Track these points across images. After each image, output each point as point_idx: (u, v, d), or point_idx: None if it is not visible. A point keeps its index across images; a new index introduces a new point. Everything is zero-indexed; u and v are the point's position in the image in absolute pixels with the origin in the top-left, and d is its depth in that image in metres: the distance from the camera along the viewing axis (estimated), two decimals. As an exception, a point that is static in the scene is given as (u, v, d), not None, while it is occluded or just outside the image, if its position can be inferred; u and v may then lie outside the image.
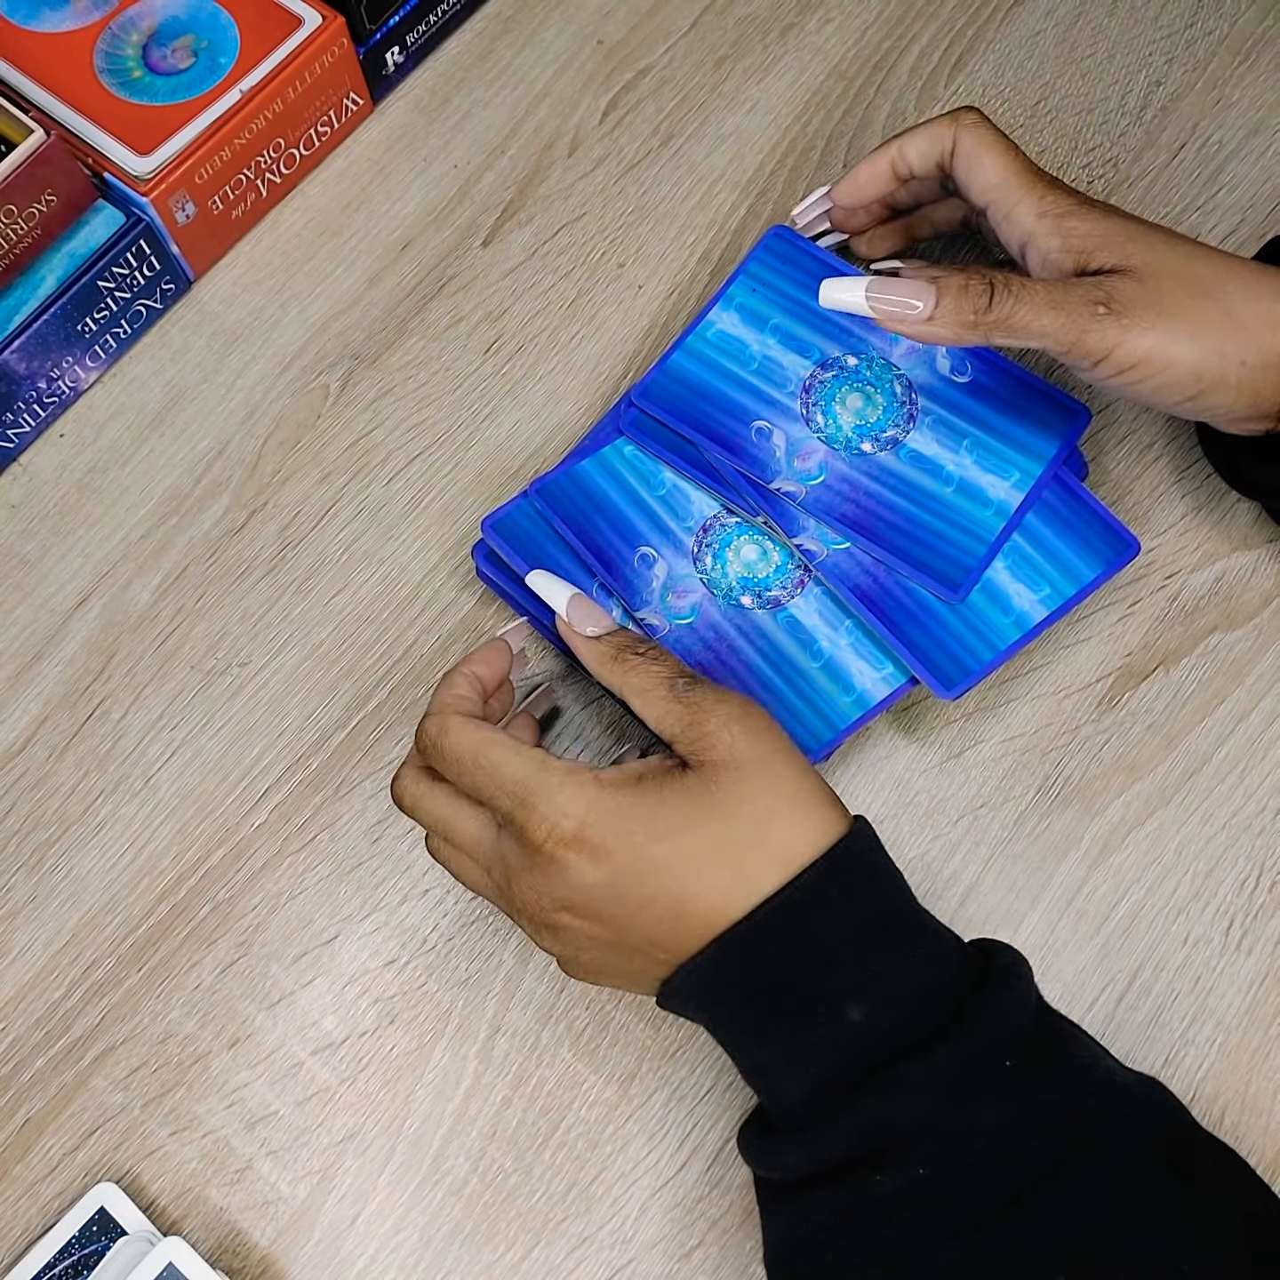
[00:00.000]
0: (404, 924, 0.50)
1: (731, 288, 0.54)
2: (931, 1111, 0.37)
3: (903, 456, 0.51)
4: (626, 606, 0.50)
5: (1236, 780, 0.50)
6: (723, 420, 0.52)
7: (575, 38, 0.65)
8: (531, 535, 0.51)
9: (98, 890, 0.51)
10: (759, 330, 0.53)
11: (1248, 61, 0.62)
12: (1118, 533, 0.50)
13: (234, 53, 0.58)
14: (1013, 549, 0.50)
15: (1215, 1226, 0.37)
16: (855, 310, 0.45)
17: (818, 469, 0.51)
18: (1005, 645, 0.49)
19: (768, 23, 0.65)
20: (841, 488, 0.49)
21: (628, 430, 0.52)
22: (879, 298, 0.44)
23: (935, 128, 0.50)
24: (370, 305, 0.60)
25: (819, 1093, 0.38)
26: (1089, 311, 0.43)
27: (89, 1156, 0.48)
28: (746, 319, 0.53)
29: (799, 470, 0.51)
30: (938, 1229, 0.37)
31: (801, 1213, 0.39)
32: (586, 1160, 0.47)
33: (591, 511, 0.51)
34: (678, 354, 0.53)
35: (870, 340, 0.53)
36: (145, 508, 0.57)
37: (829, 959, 0.38)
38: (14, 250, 0.54)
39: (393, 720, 0.53)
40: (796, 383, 0.52)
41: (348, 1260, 0.46)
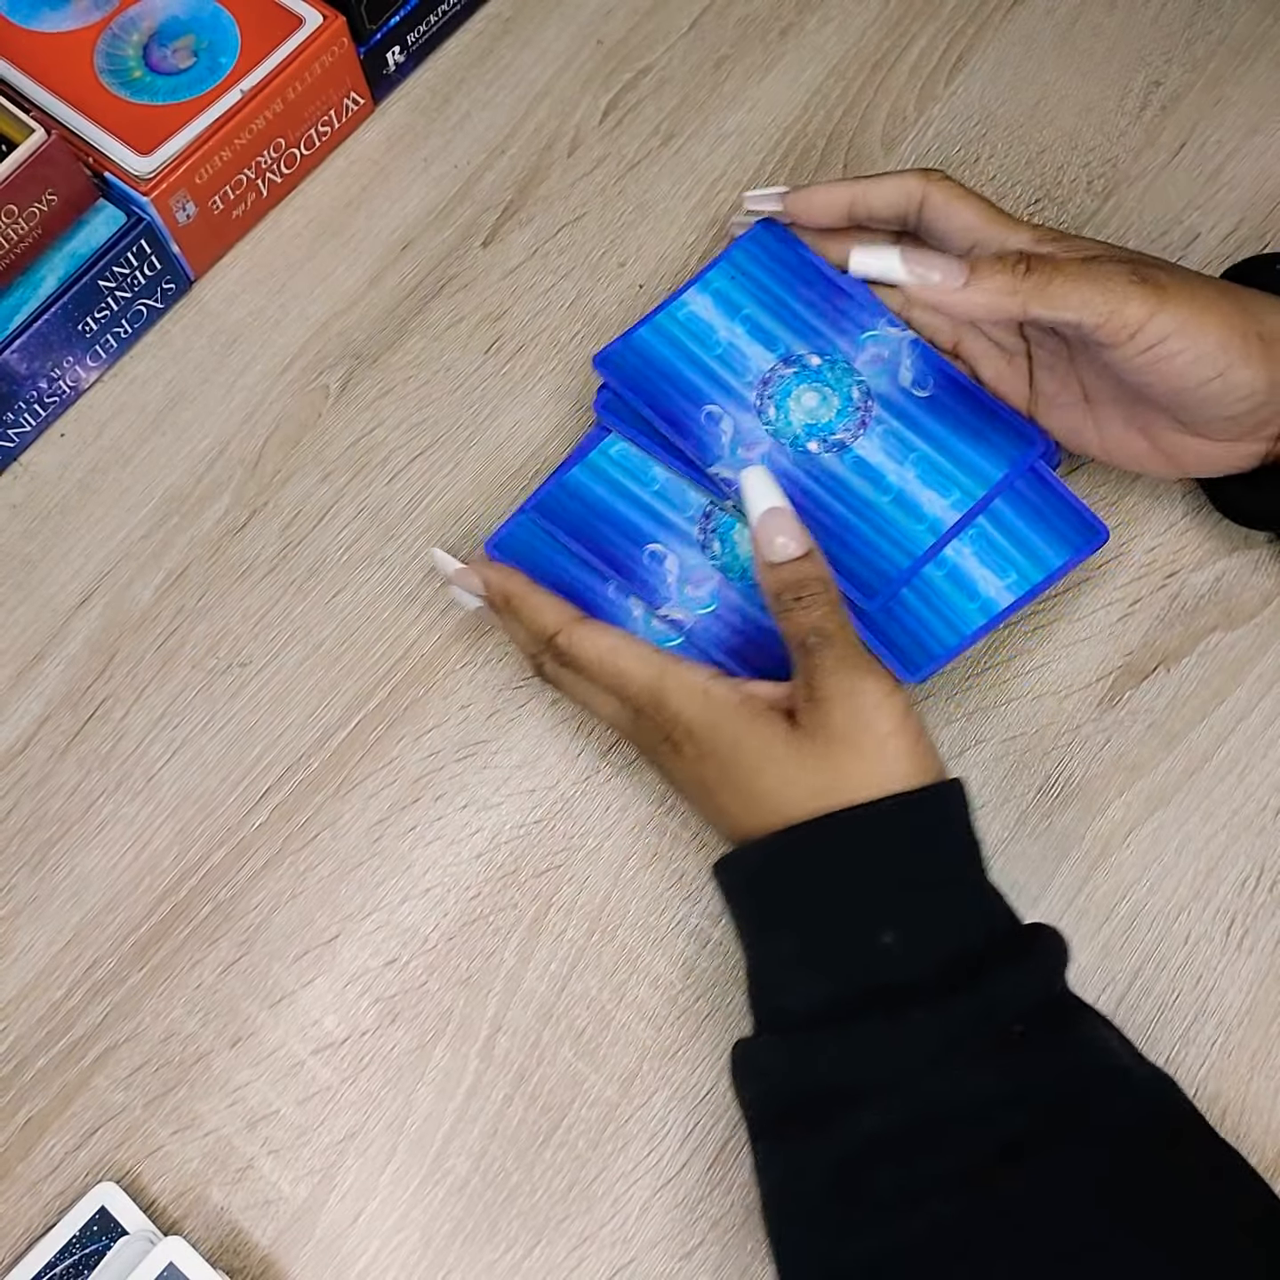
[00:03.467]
0: (405, 923, 0.50)
1: (711, 272, 0.53)
2: (933, 1057, 0.38)
3: (846, 461, 0.51)
4: (647, 605, 0.50)
5: (1237, 779, 0.50)
6: (676, 399, 0.51)
7: (575, 38, 0.65)
8: (537, 549, 0.51)
9: (99, 889, 0.51)
10: (730, 318, 0.53)
11: (1247, 61, 0.62)
12: (1086, 520, 0.50)
13: (235, 52, 0.58)
14: (980, 534, 0.50)
15: (1207, 1227, 0.37)
16: (888, 277, 0.45)
17: (759, 459, 0.50)
18: (970, 630, 0.49)
19: (768, 23, 0.65)
20: (780, 481, 0.49)
21: (600, 412, 0.52)
22: (915, 262, 0.44)
23: (904, 181, 0.49)
24: (371, 305, 0.60)
25: (827, 1001, 0.40)
26: (1126, 279, 0.43)
27: (90, 1156, 0.48)
28: (719, 304, 0.53)
29: (741, 458, 0.50)
30: (920, 1188, 0.37)
31: (791, 1168, 0.40)
32: (587, 1159, 0.47)
33: (592, 518, 0.51)
34: (644, 329, 0.53)
35: (838, 344, 0.52)
36: (146, 507, 0.57)
37: (882, 884, 0.41)
38: (14, 250, 0.54)
39: (394, 719, 0.53)
40: (756, 374, 0.52)
41: (349, 1259, 0.46)
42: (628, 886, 0.50)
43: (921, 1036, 0.38)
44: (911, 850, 0.41)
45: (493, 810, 0.51)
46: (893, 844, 0.41)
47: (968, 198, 0.48)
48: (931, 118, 0.62)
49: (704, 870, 0.50)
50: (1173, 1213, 0.37)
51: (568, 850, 0.51)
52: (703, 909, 0.50)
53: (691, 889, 0.50)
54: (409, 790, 0.52)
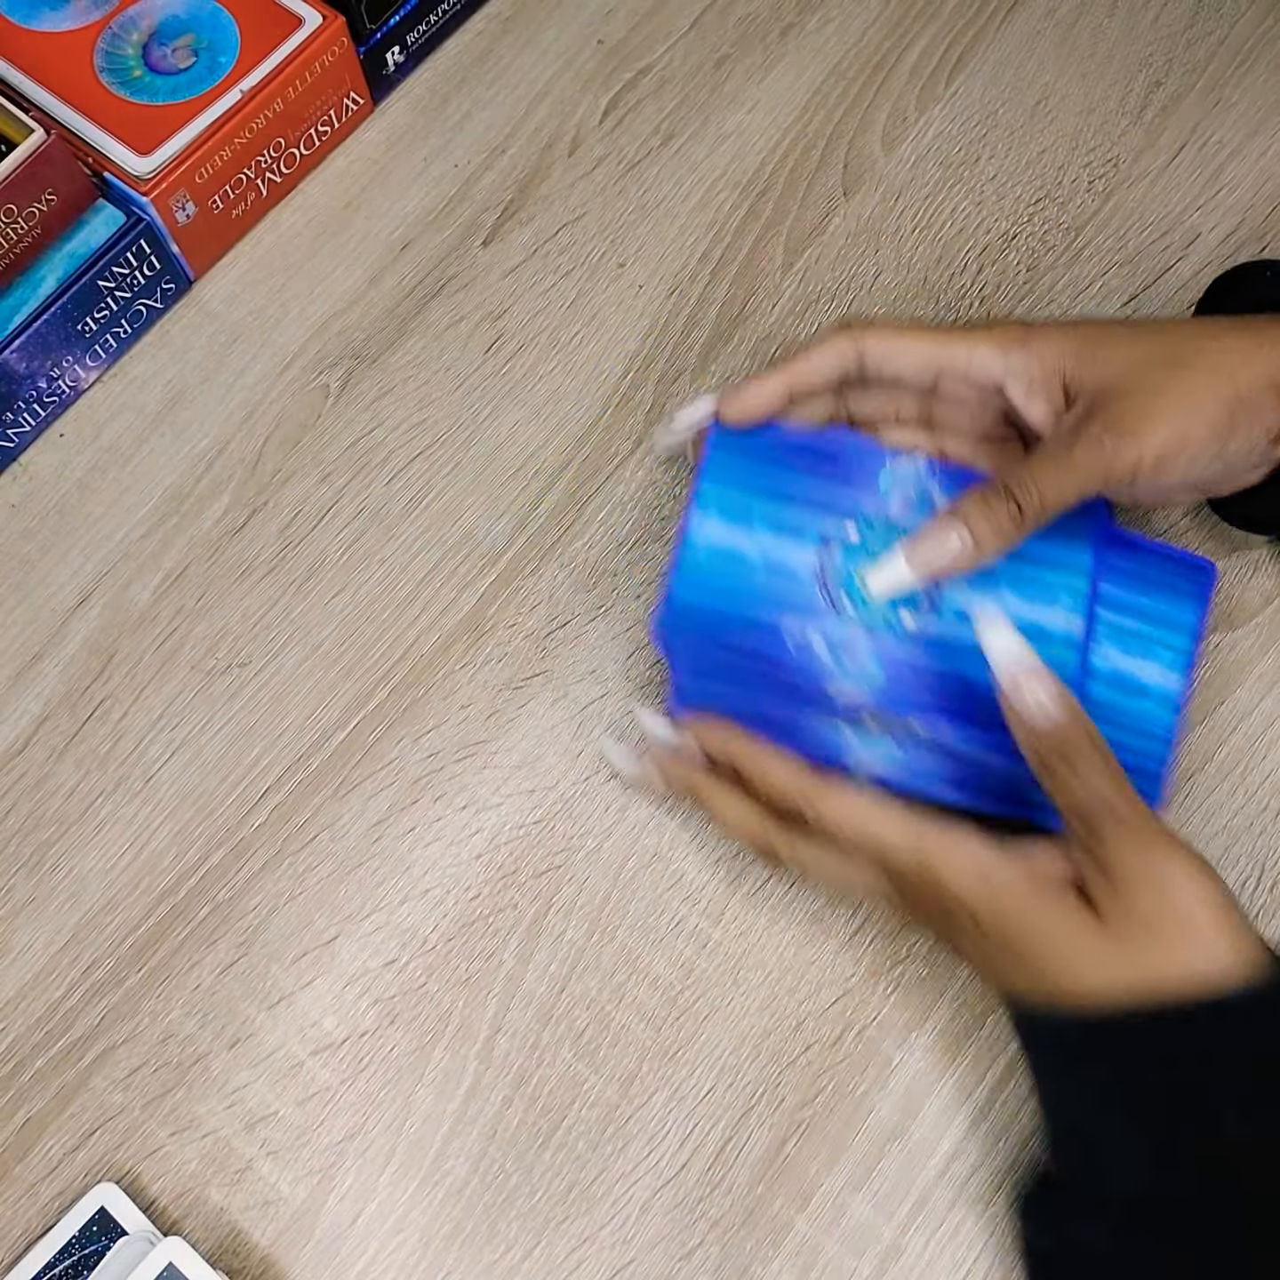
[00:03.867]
0: (404, 924, 0.50)
1: (700, 497, 0.47)
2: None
3: (949, 615, 0.46)
4: (817, 696, 0.46)
5: (1237, 780, 0.50)
6: (753, 641, 0.46)
7: (576, 37, 0.65)
8: (711, 697, 0.47)
9: (98, 890, 0.51)
10: (747, 528, 0.47)
11: (1247, 62, 0.62)
12: (1189, 563, 0.48)
13: (234, 52, 0.58)
14: (1108, 627, 0.47)
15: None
16: (910, 588, 0.44)
17: (873, 663, 0.45)
18: (1169, 732, 0.46)
19: (768, 23, 0.65)
20: (907, 675, 0.44)
21: (669, 656, 0.48)
22: (920, 560, 0.44)
23: (834, 347, 0.47)
24: (371, 305, 0.60)
25: (1158, 1183, 0.38)
26: (1098, 450, 0.42)
27: (89, 1157, 0.48)
28: (730, 519, 0.47)
29: (857, 670, 0.45)
30: None
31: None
32: (587, 1160, 0.47)
33: (719, 628, 0.46)
34: (678, 586, 0.46)
35: (862, 502, 0.47)
36: (145, 507, 0.57)
37: (1227, 1073, 0.38)
38: (14, 250, 0.54)
39: (393, 720, 0.53)
40: (807, 573, 0.46)
41: (348, 1260, 0.46)
42: (627, 887, 0.50)
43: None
44: (1258, 1042, 0.39)
45: (492, 811, 0.51)
46: (1238, 1036, 0.38)
47: (906, 333, 0.47)
48: (932, 118, 0.62)
49: (704, 870, 0.50)
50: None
51: (568, 851, 0.51)
52: (702, 909, 0.50)
53: (691, 889, 0.50)
54: (408, 791, 0.52)
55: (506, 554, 0.55)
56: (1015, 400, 0.46)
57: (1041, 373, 0.45)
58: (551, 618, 0.54)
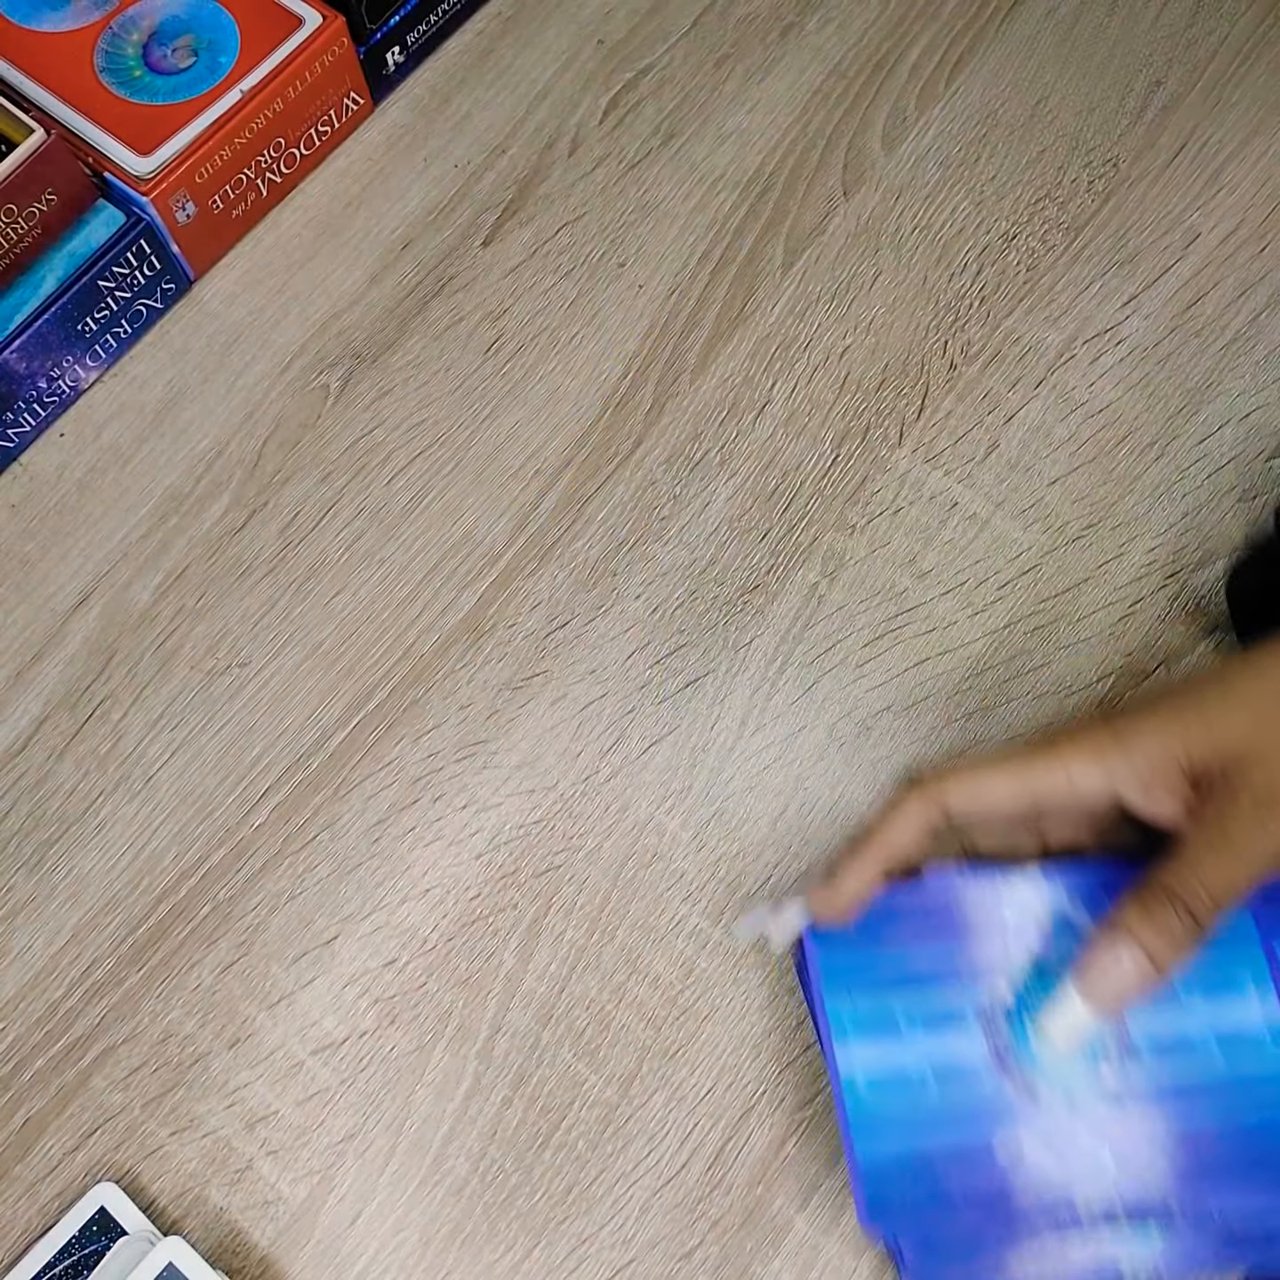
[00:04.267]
0: (404, 924, 0.50)
1: (832, 1016, 0.41)
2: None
3: (1149, 1046, 0.40)
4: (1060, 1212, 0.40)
5: (1237, 780, 0.50)
6: (968, 1174, 0.39)
7: (576, 37, 0.65)
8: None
9: (98, 890, 0.51)
10: (897, 1037, 0.40)
11: (1247, 62, 0.62)
12: None
13: (234, 52, 0.58)
14: None
15: None
16: (1092, 1031, 0.39)
17: (1101, 1149, 0.40)
18: None
19: (768, 22, 0.65)
20: (1147, 1152, 0.39)
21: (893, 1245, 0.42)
22: (1097, 994, 0.39)
23: (913, 811, 0.41)
24: (371, 305, 0.60)
25: None
26: (1259, 828, 0.38)
27: (89, 1156, 0.48)
28: (876, 1032, 0.41)
29: (1084, 1166, 0.39)
30: None
31: None
32: (587, 1160, 0.47)
33: (926, 1177, 0.40)
34: (860, 1147, 0.40)
35: (995, 946, 0.42)
36: (145, 507, 0.57)
37: None
38: (14, 250, 0.54)
39: (393, 720, 0.53)
40: (980, 1061, 0.40)
41: (348, 1260, 0.46)
42: (627, 887, 0.50)
43: None
44: None
45: (492, 811, 0.51)
46: None
47: (986, 775, 0.41)
48: (932, 118, 0.62)
49: (704, 870, 0.50)
50: None
51: (568, 850, 0.51)
52: (702, 909, 0.50)
53: (691, 889, 0.50)
54: (408, 791, 0.52)
55: (506, 554, 0.55)
56: (1135, 806, 0.40)
57: (1154, 769, 0.40)
58: (551, 618, 0.54)
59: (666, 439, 0.57)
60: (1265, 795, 0.38)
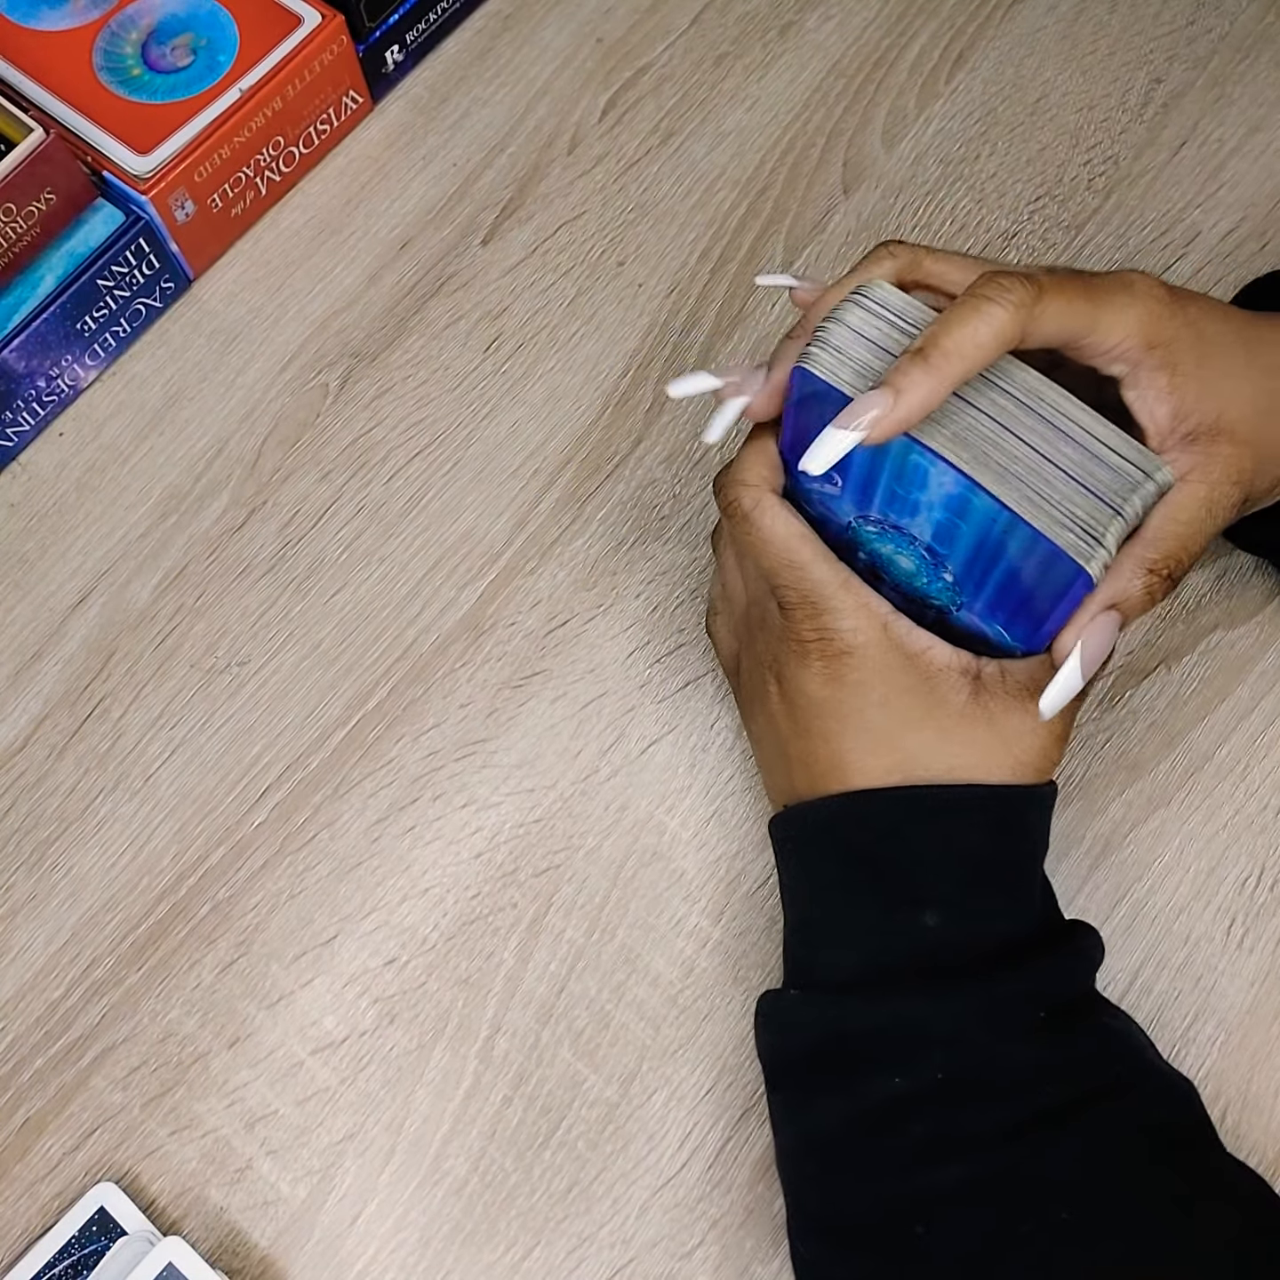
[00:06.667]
0: (404, 923, 0.50)
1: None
2: (967, 1026, 0.38)
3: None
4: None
5: (1238, 778, 0.50)
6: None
7: (575, 36, 0.65)
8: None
9: (97, 889, 0.51)
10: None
11: (1249, 58, 0.62)
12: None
13: (233, 51, 0.58)
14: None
15: (1204, 1234, 0.37)
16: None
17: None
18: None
19: (768, 20, 0.65)
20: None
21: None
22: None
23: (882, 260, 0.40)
24: (370, 304, 0.60)
25: (866, 969, 0.40)
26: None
27: (89, 1156, 0.48)
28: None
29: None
30: (946, 1141, 0.38)
31: (814, 1118, 0.40)
32: (587, 1160, 0.47)
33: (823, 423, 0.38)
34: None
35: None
36: (144, 506, 0.57)
37: (937, 868, 0.40)
38: (13, 249, 0.54)
39: (393, 719, 0.53)
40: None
41: (348, 1260, 0.46)
42: (627, 886, 0.50)
43: (957, 1008, 0.39)
44: (979, 845, 0.41)
45: (492, 810, 0.51)
46: (959, 832, 0.41)
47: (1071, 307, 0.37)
48: (932, 115, 0.62)
49: (704, 869, 0.50)
50: (1163, 1207, 0.37)
51: (568, 850, 0.51)
52: (702, 908, 0.50)
53: (691, 889, 0.50)
54: (408, 790, 0.52)
55: (506, 553, 0.55)
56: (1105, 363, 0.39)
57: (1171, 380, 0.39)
58: (551, 617, 0.54)
59: (667, 437, 0.57)
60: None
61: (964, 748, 0.40)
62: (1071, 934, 0.42)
